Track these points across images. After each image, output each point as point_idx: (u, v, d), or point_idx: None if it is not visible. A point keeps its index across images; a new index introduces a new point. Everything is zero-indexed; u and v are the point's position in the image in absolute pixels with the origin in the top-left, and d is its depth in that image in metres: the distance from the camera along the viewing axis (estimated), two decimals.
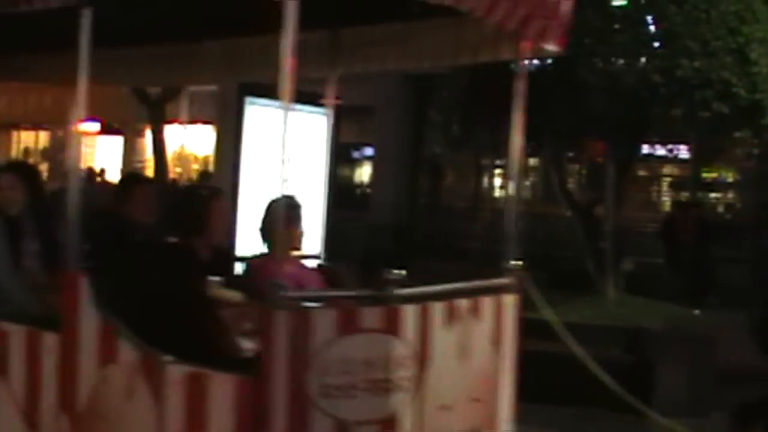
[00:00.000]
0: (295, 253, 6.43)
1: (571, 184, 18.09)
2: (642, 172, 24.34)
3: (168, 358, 4.90)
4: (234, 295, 5.83)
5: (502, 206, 7.17)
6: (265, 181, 8.33)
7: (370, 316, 4.87)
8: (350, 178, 28.83)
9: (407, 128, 24.99)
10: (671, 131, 18.99)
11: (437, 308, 5.21)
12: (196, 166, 27.97)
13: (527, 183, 27.98)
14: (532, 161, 26.31)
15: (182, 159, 30.40)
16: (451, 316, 5.30)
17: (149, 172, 24.18)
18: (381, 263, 6.71)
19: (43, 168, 34.63)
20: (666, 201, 26.14)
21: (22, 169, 7.39)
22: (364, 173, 29.14)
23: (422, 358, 5.04)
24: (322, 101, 8.08)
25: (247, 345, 5.28)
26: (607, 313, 12.56)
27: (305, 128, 9.54)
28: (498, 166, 27.77)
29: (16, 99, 34.54)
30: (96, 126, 33.80)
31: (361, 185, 29.08)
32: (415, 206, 25.79)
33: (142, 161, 29.87)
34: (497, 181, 28.29)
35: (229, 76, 8.79)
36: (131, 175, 6.95)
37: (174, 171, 25.74)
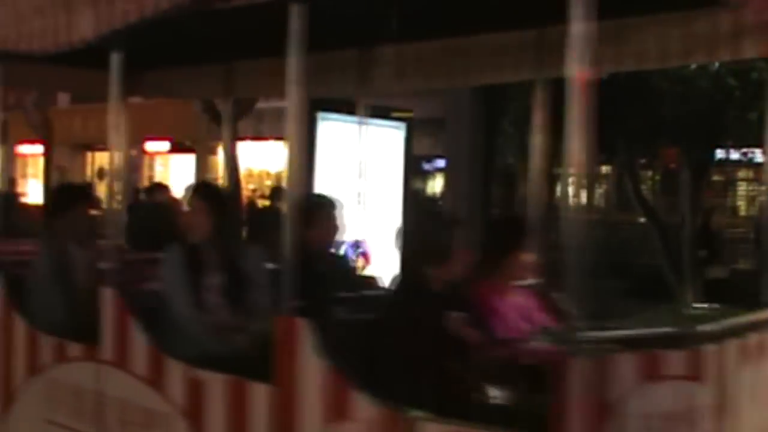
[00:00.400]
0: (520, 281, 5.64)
1: (644, 190, 17.94)
2: (716, 177, 24.11)
3: (418, 413, 4.22)
4: (473, 333, 5.00)
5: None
6: (339, 196, 8.21)
7: (675, 359, 4.16)
8: (422, 191, 28.82)
9: (479, 139, 24.91)
10: (746, 135, 18.77)
11: (733, 347, 4.50)
12: (268, 183, 28.07)
13: (600, 191, 27.81)
14: (605, 169, 26.14)
15: (255, 176, 30.58)
16: (743, 355, 4.57)
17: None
18: None
19: (117, 188, 35.00)
20: (741, 205, 25.83)
21: (209, 191, 6.52)
22: (436, 185, 29.10)
23: (722, 406, 4.34)
24: (395, 114, 8.00)
25: (492, 392, 4.75)
26: (686, 320, 12.42)
27: (379, 142, 9.55)
28: (570, 175, 27.63)
29: (90, 120, 34.93)
30: (165, 145, 34.15)
31: (433, 197, 29.06)
32: (488, 217, 25.72)
33: (215, 179, 30.12)
34: (571, 191, 28.14)
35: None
36: (314, 197, 6.32)
37: (247, 188, 25.88)
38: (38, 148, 28.42)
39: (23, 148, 36.70)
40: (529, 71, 6.61)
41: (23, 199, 23.45)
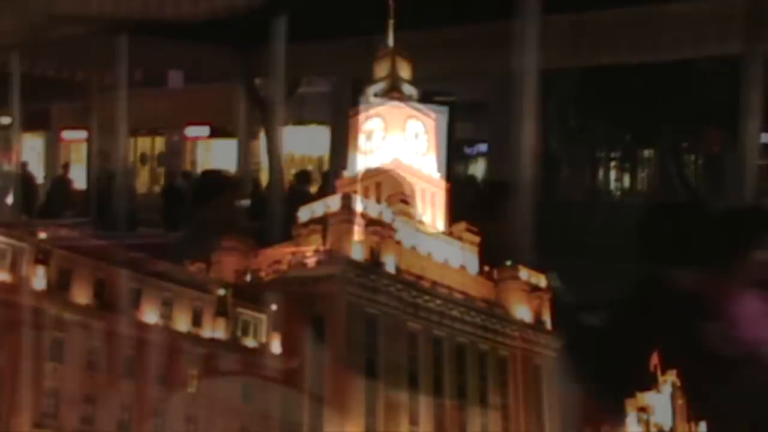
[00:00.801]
0: None
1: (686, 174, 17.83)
2: (761, 161, 23.85)
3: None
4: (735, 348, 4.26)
5: (619, 199, 6.56)
6: None
7: None
8: (463, 176, 28.74)
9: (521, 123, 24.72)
10: None
11: None
12: (310, 167, 28.06)
13: (642, 174, 27.62)
14: (647, 152, 25.96)
15: (296, 160, 30.55)
16: None
17: (263, 174, 24.29)
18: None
19: (160, 172, 35.18)
20: None
21: None
22: (477, 170, 28.98)
23: None
24: (437, 98, 7.88)
25: None
26: None
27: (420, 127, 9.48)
28: (613, 159, 27.43)
29: (132, 105, 35.05)
30: (206, 130, 34.18)
31: (474, 181, 28.98)
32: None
33: (256, 164, 30.11)
34: (613, 174, 27.95)
35: None
36: (497, 185, 5.74)
37: (288, 173, 25.88)
38: (81, 134, 28.50)
39: (66, 134, 36.87)
40: (737, 44, 5.99)
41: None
